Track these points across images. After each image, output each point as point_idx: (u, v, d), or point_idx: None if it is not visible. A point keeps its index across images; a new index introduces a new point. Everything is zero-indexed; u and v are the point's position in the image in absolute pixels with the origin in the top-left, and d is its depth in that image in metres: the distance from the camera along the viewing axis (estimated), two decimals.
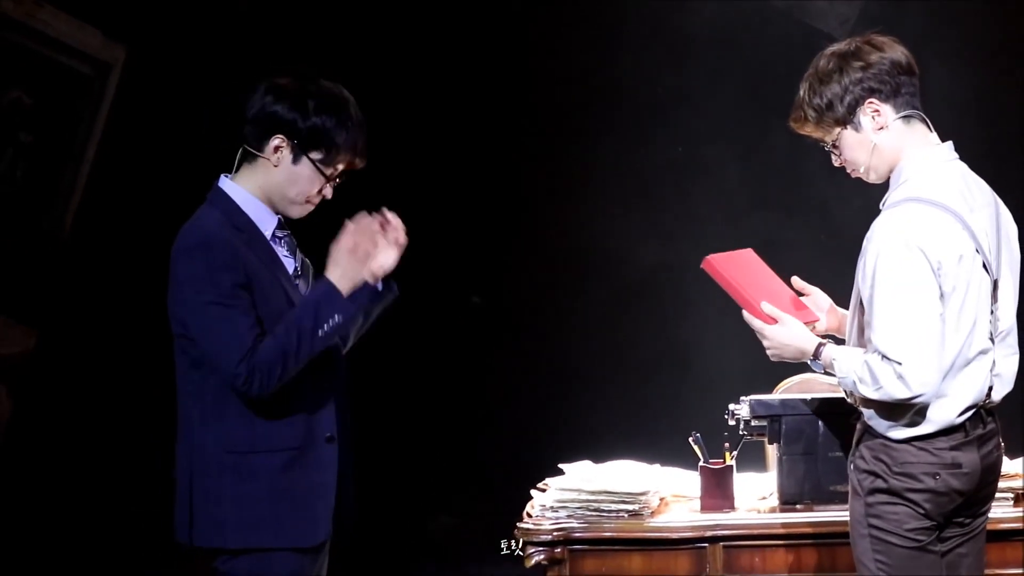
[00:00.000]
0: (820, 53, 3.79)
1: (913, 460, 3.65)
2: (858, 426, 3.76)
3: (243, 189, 3.80)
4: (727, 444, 4.25)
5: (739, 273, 3.89)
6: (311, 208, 3.84)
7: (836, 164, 3.82)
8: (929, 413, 3.65)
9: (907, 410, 3.63)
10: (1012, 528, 4.13)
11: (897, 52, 3.73)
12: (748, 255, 4.00)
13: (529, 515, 4.24)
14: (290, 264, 3.86)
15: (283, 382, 3.67)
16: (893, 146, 3.72)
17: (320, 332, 3.69)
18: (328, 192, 3.82)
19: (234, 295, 3.66)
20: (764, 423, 4.25)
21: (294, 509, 3.74)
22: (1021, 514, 4.13)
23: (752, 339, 3.86)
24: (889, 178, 3.76)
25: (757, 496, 4.36)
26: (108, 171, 6.54)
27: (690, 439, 4.26)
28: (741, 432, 4.28)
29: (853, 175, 3.82)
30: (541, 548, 4.15)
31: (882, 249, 3.59)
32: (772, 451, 4.49)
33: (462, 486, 7.32)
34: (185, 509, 3.76)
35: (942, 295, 3.60)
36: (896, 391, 3.58)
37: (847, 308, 3.84)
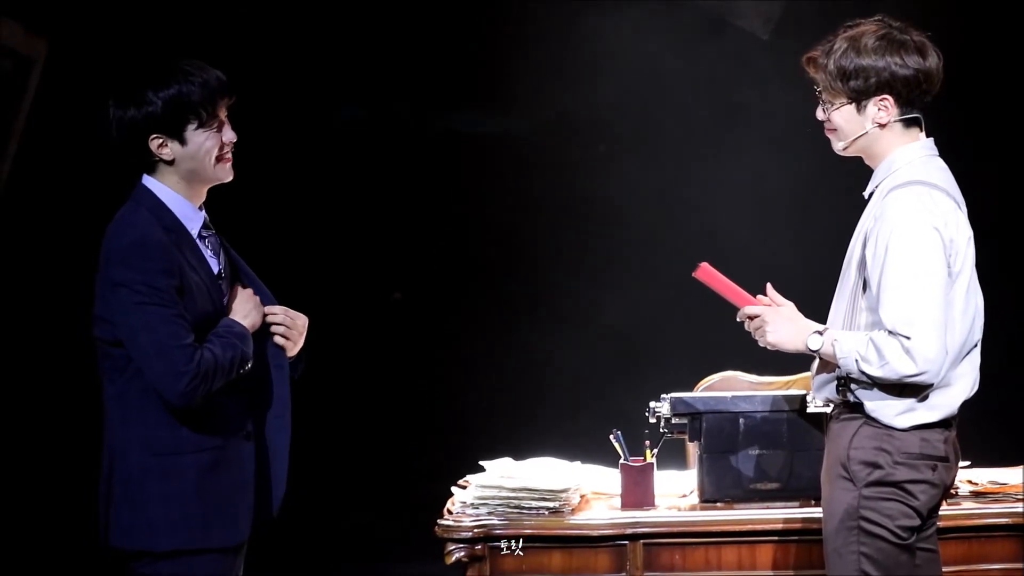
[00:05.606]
0: (867, 20, 3.78)
1: (916, 450, 3.67)
2: (846, 421, 3.75)
3: (166, 187, 3.75)
4: (648, 442, 4.25)
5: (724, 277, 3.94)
6: (231, 158, 3.79)
7: (819, 116, 3.85)
8: (935, 400, 3.67)
9: (912, 396, 3.65)
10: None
11: (935, 63, 3.76)
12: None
13: (449, 512, 4.23)
14: (215, 265, 3.81)
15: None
16: (883, 141, 3.77)
17: (247, 364, 3.73)
18: (231, 136, 3.78)
19: (172, 300, 3.62)
20: (685, 421, 4.26)
21: (220, 508, 3.71)
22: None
23: (671, 338, 3.87)
24: (873, 165, 3.81)
25: (678, 494, 4.37)
26: (30, 167, 6.46)
27: (611, 436, 4.26)
28: (662, 430, 4.28)
29: (828, 134, 3.86)
30: (461, 545, 4.13)
31: (896, 226, 3.62)
32: (693, 449, 4.50)
33: (382, 483, 7.31)
34: (110, 512, 3.71)
35: (950, 274, 3.64)
36: (902, 367, 3.59)
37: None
